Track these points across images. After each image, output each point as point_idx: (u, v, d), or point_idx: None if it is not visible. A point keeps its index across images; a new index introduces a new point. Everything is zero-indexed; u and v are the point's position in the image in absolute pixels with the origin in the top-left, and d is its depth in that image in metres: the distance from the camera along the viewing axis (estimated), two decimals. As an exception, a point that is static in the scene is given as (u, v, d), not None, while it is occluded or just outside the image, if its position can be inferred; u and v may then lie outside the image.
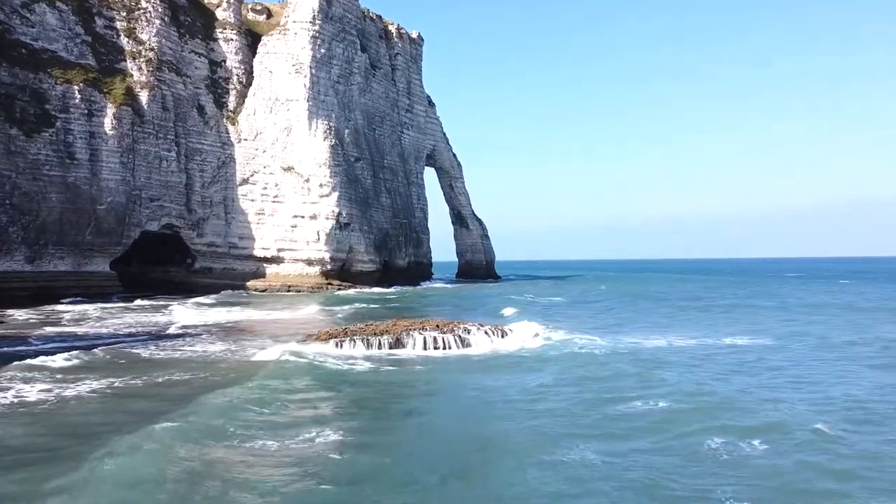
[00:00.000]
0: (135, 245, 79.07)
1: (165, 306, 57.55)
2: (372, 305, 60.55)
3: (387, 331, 31.19)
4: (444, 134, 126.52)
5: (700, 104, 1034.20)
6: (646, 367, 24.45)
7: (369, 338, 30.02)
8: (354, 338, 29.90)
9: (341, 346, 29.33)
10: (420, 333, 30.79)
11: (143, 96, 78.41)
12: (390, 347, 29.69)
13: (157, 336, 36.24)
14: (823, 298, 68.92)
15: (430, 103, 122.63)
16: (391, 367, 25.45)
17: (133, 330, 39.56)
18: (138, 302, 62.75)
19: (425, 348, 30.07)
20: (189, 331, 38.67)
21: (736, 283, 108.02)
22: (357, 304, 60.93)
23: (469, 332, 31.69)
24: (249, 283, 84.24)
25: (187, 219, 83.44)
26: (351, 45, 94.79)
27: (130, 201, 76.29)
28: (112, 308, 56.22)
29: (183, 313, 50.22)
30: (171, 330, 39.39)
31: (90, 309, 54.82)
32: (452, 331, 31.80)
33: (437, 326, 32.12)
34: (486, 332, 32.32)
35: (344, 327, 31.80)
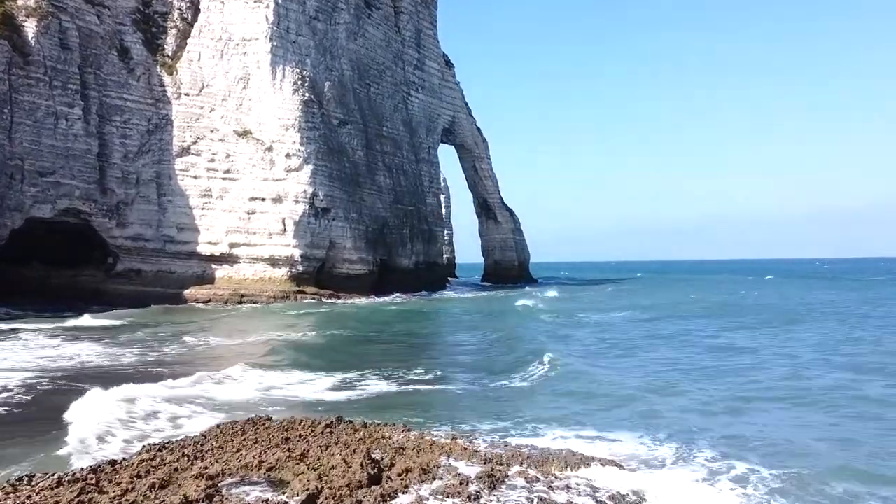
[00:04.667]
0: (22, 238, 55.97)
1: None
2: (326, 332, 35.71)
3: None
4: (466, 104, 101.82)
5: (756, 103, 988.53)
6: None
7: None
8: None
9: None
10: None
11: (30, 27, 55.22)
12: None
13: None
14: None
15: (448, 64, 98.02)
16: None
17: None
18: None
19: None
20: None
21: (860, 288, 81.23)
22: (296, 334, 36.21)
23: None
24: (188, 293, 60.47)
25: (101, 202, 59.94)
26: (336, -28, 70.67)
27: (5, 175, 53.13)
28: None
29: None
30: None
31: None
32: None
33: None
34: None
35: None
